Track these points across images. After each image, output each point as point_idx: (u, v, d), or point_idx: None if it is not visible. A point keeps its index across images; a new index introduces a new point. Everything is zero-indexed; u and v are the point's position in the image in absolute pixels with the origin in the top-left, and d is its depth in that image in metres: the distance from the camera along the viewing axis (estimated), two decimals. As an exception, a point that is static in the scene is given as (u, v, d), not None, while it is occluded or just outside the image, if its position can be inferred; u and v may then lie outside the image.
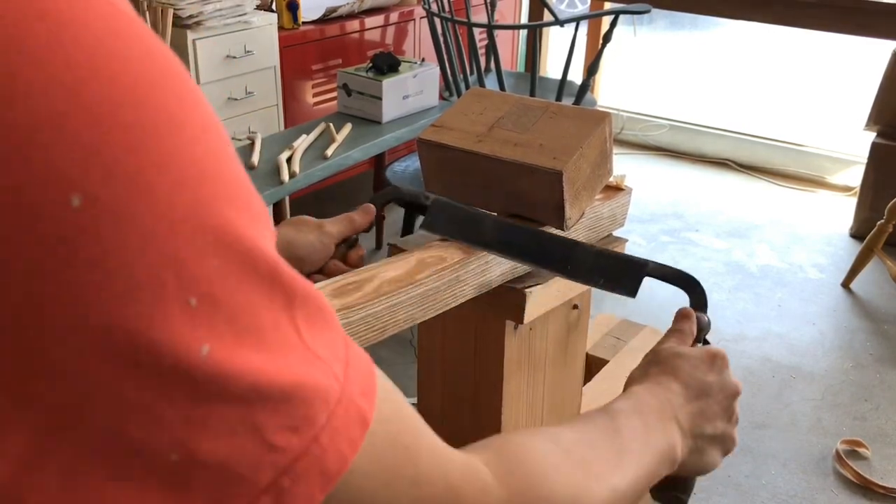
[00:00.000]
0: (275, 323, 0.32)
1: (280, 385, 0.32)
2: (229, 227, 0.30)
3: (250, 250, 0.31)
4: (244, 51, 2.41)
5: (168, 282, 0.28)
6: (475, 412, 1.03)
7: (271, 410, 0.32)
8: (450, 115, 0.96)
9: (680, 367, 0.67)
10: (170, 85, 0.30)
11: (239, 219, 0.31)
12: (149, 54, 0.30)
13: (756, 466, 1.89)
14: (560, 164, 0.86)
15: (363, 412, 0.36)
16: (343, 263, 0.89)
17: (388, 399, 0.39)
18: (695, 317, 0.73)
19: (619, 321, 1.59)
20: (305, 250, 0.87)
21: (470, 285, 0.85)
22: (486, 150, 0.90)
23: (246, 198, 0.32)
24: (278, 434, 0.32)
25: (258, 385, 0.31)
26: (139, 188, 0.28)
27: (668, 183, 3.47)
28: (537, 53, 2.41)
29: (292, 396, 0.32)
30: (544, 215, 0.92)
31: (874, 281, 2.69)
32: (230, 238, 0.30)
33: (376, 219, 0.96)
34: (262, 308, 0.32)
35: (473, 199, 0.96)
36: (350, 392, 0.35)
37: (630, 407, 0.62)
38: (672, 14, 5.70)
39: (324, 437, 0.34)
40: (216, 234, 0.30)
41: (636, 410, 0.62)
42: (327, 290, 0.74)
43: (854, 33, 2.78)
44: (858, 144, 3.20)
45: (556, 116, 0.94)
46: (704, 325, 0.73)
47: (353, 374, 0.36)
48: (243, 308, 0.31)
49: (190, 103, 0.31)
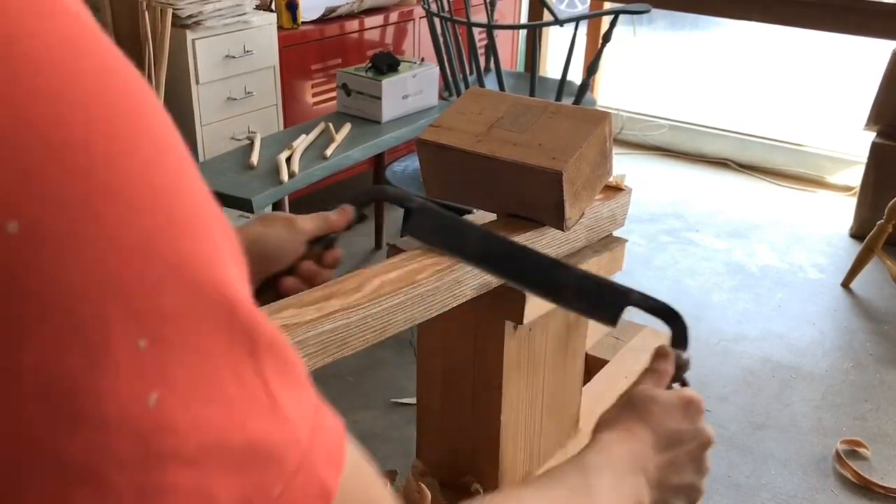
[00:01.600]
0: (235, 372, 0.29)
1: (233, 445, 0.29)
2: (185, 261, 0.28)
3: (208, 288, 0.28)
4: (243, 51, 2.41)
5: (114, 320, 0.25)
6: (475, 412, 1.02)
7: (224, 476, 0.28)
8: (448, 116, 0.96)
9: (652, 413, 0.66)
10: (126, 103, 0.27)
11: (197, 251, 0.28)
12: (105, 70, 0.27)
13: (756, 466, 1.89)
14: (560, 164, 0.86)
15: (326, 486, 0.32)
16: (317, 264, 0.84)
17: (357, 474, 0.35)
18: (673, 356, 0.71)
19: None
20: (274, 246, 0.81)
21: (469, 286, 0.85)
22: (485, 151, 0.90)
23: (206, 226, 0.29)
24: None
25: (210, 444, 0.28)
26: (85, 215, 0.25)
27: (668, 183, 3.47)
28: (537, 53, 2.41)
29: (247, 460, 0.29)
30: (544, 215, 0.91)
31: (874, 281, 2.68)
32: (186, 273, 0.27)
33: (375, 214, 0.95)
34: (219, 354, 0.29)
35: (472, 199, 0.95)
36: (313, 461, 0.32)
37: (601, 462, 0.61)
38: (672, 14, 5.69)
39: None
40: (170, 269, 0.27)
41: (607, 465, 0.61)
42: (326, 291, 0.74)
43: (853, 33, 2.78)
44: (858, 144, 3.19)
45: (556, 116, 0.94)
46: (683, 363, 0.71)
47: (320, 441, 0.32)
48: (199, 353, 0.28)
49: (147, 122, 0.28)
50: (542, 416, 1.10)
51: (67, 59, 0.26)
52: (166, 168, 0.28)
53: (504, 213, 0.95)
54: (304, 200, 2.97)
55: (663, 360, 0.71)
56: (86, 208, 0.25)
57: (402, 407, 2.00)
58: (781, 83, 5.04)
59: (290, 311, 0.69)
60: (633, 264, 2.75)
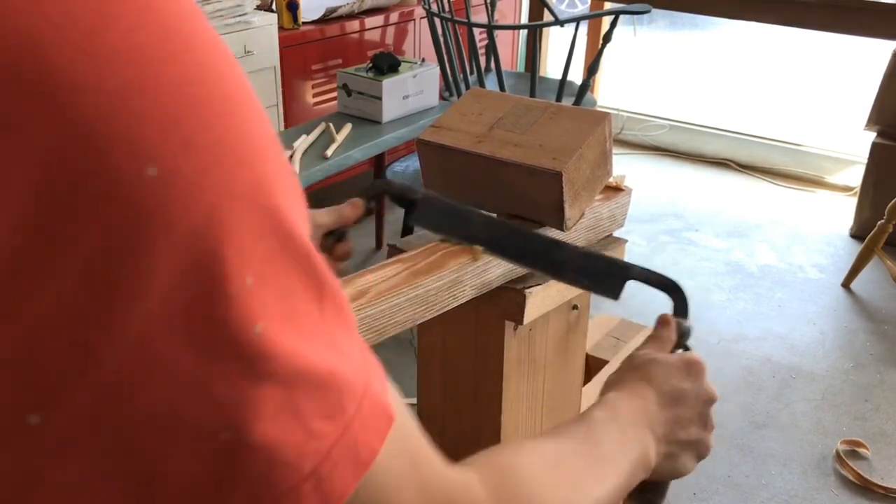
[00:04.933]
0: (309, 311, 0.33)
1: (317, 371, 0.33)
2: (278, 211, 0.31)
3: (293, 237, 0.32)
4: (244, 51, 2.41)
5: (228, 258, 0.29)
6: (475, 412, 1.03)
7: (310, 396, 0.33)
8: (449, 116, 0.96)
9: (655, 373, 0.68)
10: (231, 71, 0.32)
11: (284, 203, 0.32)
12: (214, 41, 0.31)
13: (756, 466, 1.89)
14: (560, 165, 0.86)
15: (387, 408, 0.37)
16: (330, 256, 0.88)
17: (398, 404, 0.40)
18: (674, 323, 0.73)
19: (618, 321, 1.59)
20: None
21: (470, 286, 0.85)
22: (485, 151, 0.90)
23: (290, 183, 0.33)
24: (317, 420, 0.33)
25: (300, 369, 0.32)
26: (209, 162, 0.29)
27: (668, 183, 3.47)
28: (537, 53, 2.41)
29: (326, 384, 0.33)
30: (544, 216, 0.92)
31: (874, 281, 2.68)
32: (277, 221, 0.31)
33: (375, 214, 0.96)
34: (300, 295, 0.33)
35: (473, 199, 0.96)
36: (373, 387, 0.36)
37: (607, 416, 0.63)
38: (672, 14, 5.69)
39: (355, 425, 0.34)
40: (268, 216, 0.31)
41: (613, 419, 0.63)
42: None
43: (854, 33, 2.78)
44: (858, 144, 3.19)
45: (556, 117, 0.94)
46: (685, 330, 0.74)
47: (375, 373, 0.37)
48: (287, 292, 0.32)
49: (246, 89, 0.32)
50: (542, 415, 1.10)
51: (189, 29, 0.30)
52: (262, 129, 0.32)
53: (504, 214, 0.96)
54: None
55: (665, 327, 0.73)
56: (210, 156, 0.29)
57: (402, 407, 2.02)
58: (781, 83, 5.04)
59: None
60: (633, 264, 2.74)
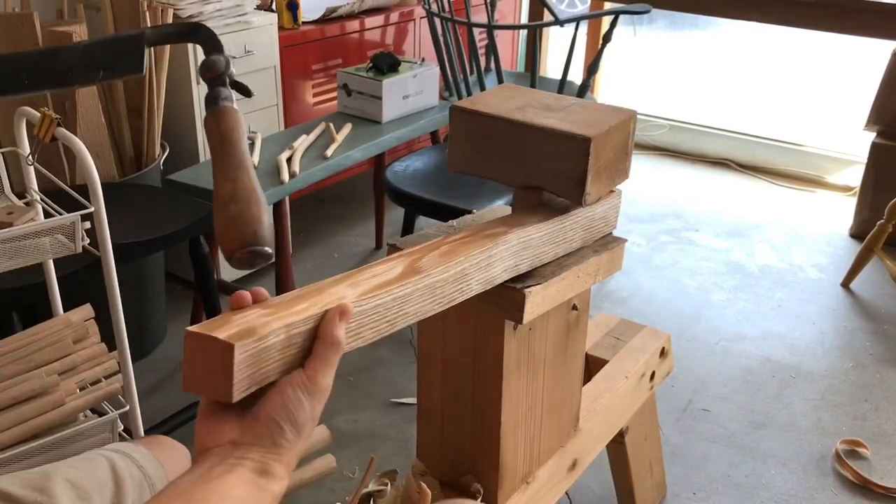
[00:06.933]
0: None
1: None
2: None
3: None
4: (244, 51, 2.40)
5: None
6: (475, 412, 1.03)
7: None
8: (483, 96, 1.02)
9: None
10: None
11: None
12: None
13: (756, 466, 1.89)
14: (591, 132, 0.92)
15: None
16: None
17: None
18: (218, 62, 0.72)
19: (618, 321, 1.59)
20: None
21: (475, 280, 0.85)
22: (520, 118, 0.95)
23: None
24: None
25: None
26: None
27: (668, 183, 3.47)
28: (537, 53, 2.41)
29: None
30: (565, 187, 0.95)
31: (874, 281, 2.69)
32: None
33: (375, 214, 0.95)
34: None
35: (493, 170, 0.99)
36: None
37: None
38: (672, 14, 5.69)
39: None
40: None
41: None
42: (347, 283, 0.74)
43: (854, 33, 2.78)
44: (858, 144, 3.19)
45: (585, 108, 1.01)
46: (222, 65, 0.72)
47: None
48: None
49: None
50: (542, 415, 1.10)
51: None
52: None
53: (523, 185, 0.97)
54: (304, 200, 2.97)
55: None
56: None
57: (401, 407, 2.00)
58: (781, 83, 5.04)
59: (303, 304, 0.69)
60: (632, 264, 2.75)
